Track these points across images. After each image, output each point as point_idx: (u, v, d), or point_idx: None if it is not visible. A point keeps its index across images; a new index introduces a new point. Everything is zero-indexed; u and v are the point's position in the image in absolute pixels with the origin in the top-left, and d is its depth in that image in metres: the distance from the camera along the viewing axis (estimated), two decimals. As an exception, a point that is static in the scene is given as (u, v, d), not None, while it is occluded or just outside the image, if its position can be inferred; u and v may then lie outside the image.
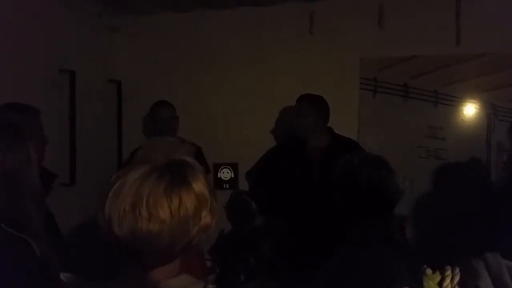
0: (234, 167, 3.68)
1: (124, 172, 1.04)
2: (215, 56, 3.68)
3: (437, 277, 0.64)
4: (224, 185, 3.68)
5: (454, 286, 0.63)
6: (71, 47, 3.21)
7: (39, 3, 2.93)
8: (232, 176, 3.68)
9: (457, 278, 0.63)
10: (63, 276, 1.04)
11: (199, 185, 1.04)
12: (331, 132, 3.13)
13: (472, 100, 3.38)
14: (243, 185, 3.66)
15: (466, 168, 3.32)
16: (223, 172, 3.68)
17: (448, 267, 0.65)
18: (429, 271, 0.63)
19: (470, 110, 3.40)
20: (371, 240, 1.54)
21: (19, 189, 1.38)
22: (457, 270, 0.64)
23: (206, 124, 3.66)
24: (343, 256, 1.61)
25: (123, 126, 3.83)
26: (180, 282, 1.04)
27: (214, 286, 1.05)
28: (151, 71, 3.76)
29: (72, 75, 3.19)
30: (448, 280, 0.62)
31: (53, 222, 2.05)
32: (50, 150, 2.26)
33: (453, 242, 2.87)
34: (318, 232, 2.46)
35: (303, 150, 3.10)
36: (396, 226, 1.61)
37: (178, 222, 1.00)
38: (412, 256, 1.51)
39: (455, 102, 3.41)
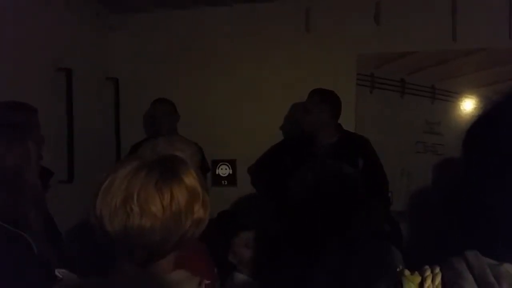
0: (232, 163, 3.69)
1: (114, 169, 1.03)
2: (212, 53, 3.67)
3: (417, 278, 0.64)
4: (223, 182, 3.69)
5: (436, 287, 0.63)
6: (69, 45, 3.21)
7: (37, 1, 2.93)
8: (231, 172, 3.69)
9: (438, 279, 0.63)
10: (58, 272, 1.03)
11: (190, 179, 1.03)
12: (340, 128, 3.09)
13: (469, 96, 3.38)
14: (242, 181, 3.66)
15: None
16: (221, 169, 3.69)
17: (427, 267, 0.65)
18: (407, 272, 0.63)
19: (467, 105, 3.40)
20: (363, 234, 1.56)
21: (18, 187, 1.39)
22: (437, 270, 0.64)
23: (204, 121, 3.66)
24: (339, 252, 1.62)
25: (121, 123, 3.83)
26: (174, 278, 1.02)
27: (209, 282, 1.05)
28: (149, 68, 3.76)
29: (70, 73, 3.20)
30: (429, 281, 0.62)
31: (51, 221, 2.06)
32: (48, 148, 2.27)
33: (449, 238, 2.88)
34: (315, 229, 2.45)
35: (311, 146, 3.02)
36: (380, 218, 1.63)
37: (171, 217, 0.98)
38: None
39: (452, 97, 3.41)
